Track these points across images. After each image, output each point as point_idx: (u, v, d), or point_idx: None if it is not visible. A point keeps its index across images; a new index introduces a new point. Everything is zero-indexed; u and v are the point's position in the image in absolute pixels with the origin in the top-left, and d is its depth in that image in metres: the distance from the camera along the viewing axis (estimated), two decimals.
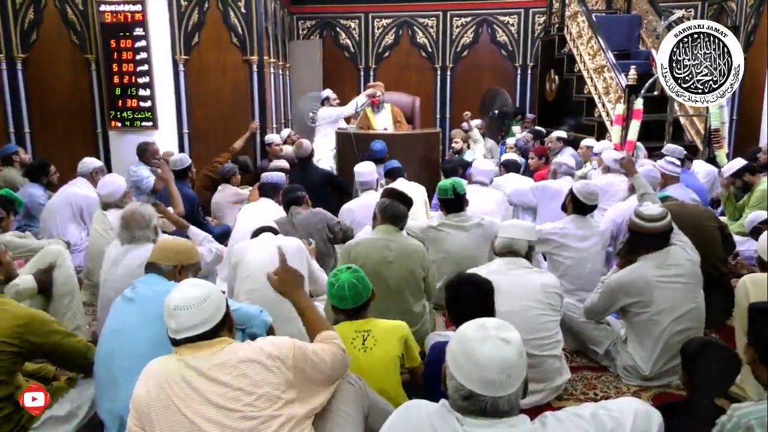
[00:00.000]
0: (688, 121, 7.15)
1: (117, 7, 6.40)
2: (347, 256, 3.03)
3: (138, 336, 2.16)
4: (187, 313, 1.73)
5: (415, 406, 1.51)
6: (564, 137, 6.78)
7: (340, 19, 9.87)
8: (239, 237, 4.01)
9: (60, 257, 3.20)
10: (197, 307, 1.74)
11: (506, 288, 2.58)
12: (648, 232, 2.90)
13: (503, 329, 1.41)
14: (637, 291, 2.85)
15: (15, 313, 2.22)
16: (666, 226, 2.90)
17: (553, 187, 4.59)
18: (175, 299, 1.76)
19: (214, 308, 1.77)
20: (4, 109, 7.26)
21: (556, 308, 2.73)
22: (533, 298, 2.67)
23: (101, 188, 3.95)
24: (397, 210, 3.14)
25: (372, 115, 6.88)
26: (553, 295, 2.72)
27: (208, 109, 7.17)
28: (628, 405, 1.53)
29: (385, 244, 3.02)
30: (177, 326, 1.74)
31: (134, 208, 3.03)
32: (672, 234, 2.98)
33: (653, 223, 2.89)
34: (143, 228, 2.95)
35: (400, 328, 2.42)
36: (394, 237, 3.07)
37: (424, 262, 3.06)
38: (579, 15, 7.71)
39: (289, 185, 4.39)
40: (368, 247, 3.04)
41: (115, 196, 3.85)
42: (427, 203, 4.90)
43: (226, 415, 1.64)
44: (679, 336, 2.78)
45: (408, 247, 3.06)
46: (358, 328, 2.37)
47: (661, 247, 2.90)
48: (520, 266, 2.77)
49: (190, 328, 1.73)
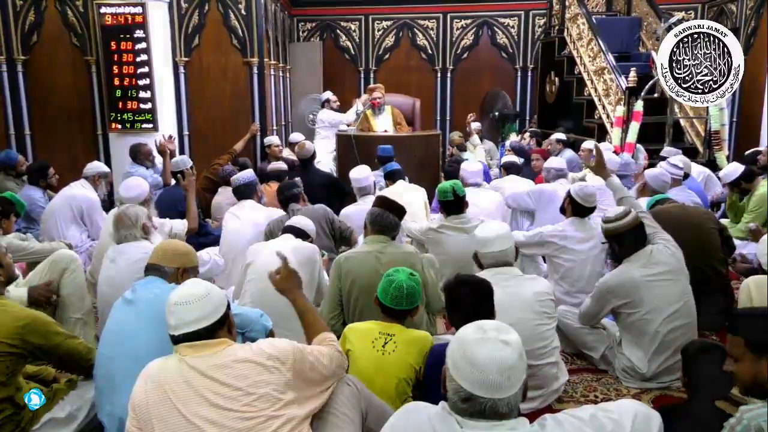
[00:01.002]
0: (688, 123, 7.15)
1: (117, 9, 6.39)
2: (339, 270, 2.96)
3: (137, 338, 2.17)
4: (186, 308, 1.75)
5: (414, 409, 1.51)
6: (563, 139, 6.79)
7: (340, 21, 9.87)
8: (228, 244, 4.02)
9: (73, 263, 3.19)
10: (196, 303, 1.76)
11: (500, 301, 2.56)
12: (617, 231, 2.95)
13: (502, 331, 1.41)
14: (626, 292, 2.86)
15: (16, 314, 2.22)
16: (632, 221, 2.94)
17: (548, 190, 4.59)
18: (176, 296, 1.79)
19: (212, 306, 1.78)
20: (4, 111, 7.27)
21: (551, 315, 2.72)
22: (528, 308, 2.65)
23: (125, 191, 3.87)
24: (386, 221, 3.06)
25: (372, 117, 6.90)
26: (547, 302, 2.71)
27: (208, 111, 7.18)
28: (627, 407, 1.53)
29: (375, 257, 2.95)
30: (176, 322, 1.75)
31: (123, 209, 3.09)
32: (654, 233, 3.00)
33: (618, 221, 2.94)
34: (129, 227, 3.00)
35: (423, 341, 2.38)
36: (384, 248, 2.99)
37: (415, 267, 2.95)
38: (579, 17, 7.72)
39: (283, 182, 4.33)
40: (359, 261, 2.96)
41: (139, 200, 3.77)
42: (427, 205, 4.90)
43: (225, 416, 1.64)
44: (673, 333, 2.80)
45: (398, 256, 2.96)
46: (383, 329, 2.36)
47: (639, 243, 2.94)
48: (511, 275, 2.75)
49: (188, 323, 1.74)
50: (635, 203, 3.29)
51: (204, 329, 1.75)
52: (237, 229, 4.04)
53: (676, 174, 4.48)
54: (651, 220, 3.10)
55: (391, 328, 2.37)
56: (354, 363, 2.29)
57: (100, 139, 7.40)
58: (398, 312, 2.39)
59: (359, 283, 2.85)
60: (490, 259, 2.79)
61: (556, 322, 2.80)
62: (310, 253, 3.13)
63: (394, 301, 2.36)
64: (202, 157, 6.69)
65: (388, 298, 2.37)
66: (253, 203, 4.21)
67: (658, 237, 3.00)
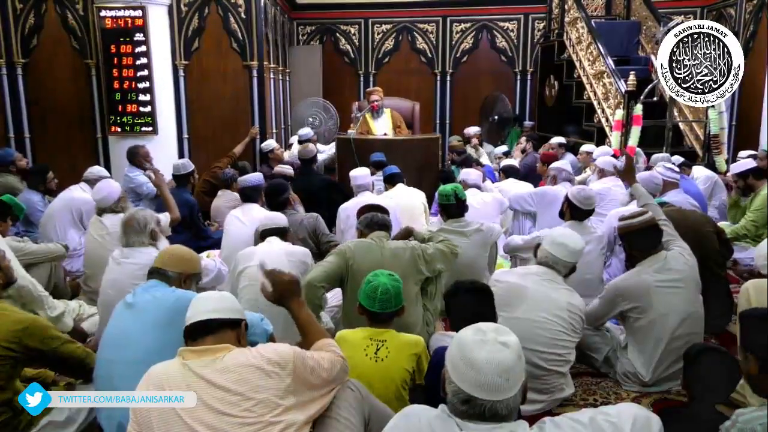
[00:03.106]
0: (688, 126, 7.16)
1: (117, 13, 6.40)
2: (342, 255, 2.95)
3: (137, 342, 2.16)
4: (205, 300, 1.86)
5: (414, 412, 1.51)
6: (564, 142, 6.78)
7: (340, 25, 9.89)
8: (231, 247, 4.00)
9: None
10: (215, 297, 1.88)
11: (532, 295, 2.56)
12: (635, 228, 2.94)
13: (501, 333, 1.41)
14: (636, 296, 2.85)
15: (14, 317, 2.22)
16: (650, 219, 2.94)
17: (551, 193, 4.59)
18: (200, 294, 1.90)
19: (229, 304, 1.88)
20: (4, 114, 7.28)
21: (576, 330, 2.70)
22: (557, 314, 2.63)
23: (95, 193, 3.96)
24: (382, 219, 3.16)
25: (371, 121, 6.89)
26: (576, 317, 2.68)
27: (208, 114, 7.18)
28: (627, 410, 1.52)
29: (379, 246, 2.99)
30: (192, 313, 1.82)
31: (132, 213, 3.09)
32: (671, 240, 2.99)
33: (636, 218, 2.94)
34: (138, 233, 3.01)
35: (416, 345, 2.38)
36: (385, 243, 3.04)
37: (415, 251, 3.01)
38: (578, 21, 7.73)
39: (271, 188, 4.20)
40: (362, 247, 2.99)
41: (108, 200, 3.86)
42: (426, 209, 4.89)
43: (225, 421, 1.64)
44: (678, 341, 2.78)
45: (399, 247, 3.03)
46: (373, 336, 2.35)
47: (655, 245, 2.92)
48: (554, 281, 2.72)
49: (201, 312, 1.81)
50: (658, 210, 3.25)
51: (215, 321, 1.79)
52: (242, 233, 3.99)
53: (673, 177, 4.47)
54: (671, 228, 3.08)
55: (381, 334, 2.36)
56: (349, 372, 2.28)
57: (99, 142, 7.42)
58: (387, 315, 2.39)
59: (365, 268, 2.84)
60: (543, 256, 2.77)
61: (579, 339, 2.76)
62: (302, 256, 3.18)
63: (384, 305, 2.35)
64: (201, 161, 6.69)
65: (377, 304, 2.36)
66: (259, 207, 4.20)
67: (675, 244, 2.98)
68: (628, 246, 3.02)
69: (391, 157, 5.42)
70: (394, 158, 5.38)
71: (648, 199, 3.36)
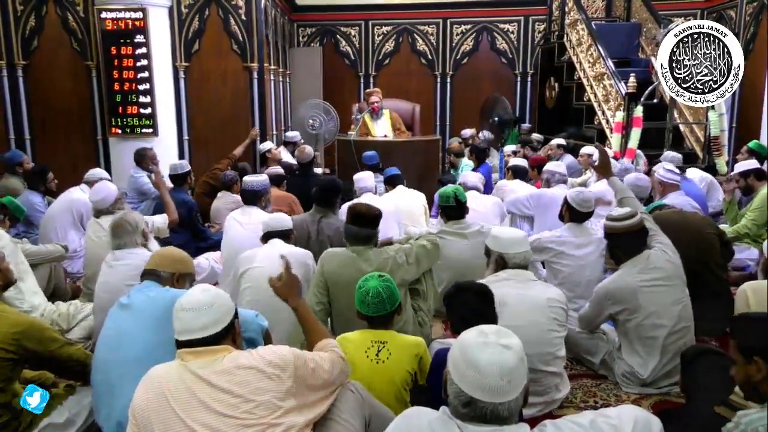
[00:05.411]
0: (688, 128, 7.16)
1: (118, 15, 6.42)
2: (320, 267, 2.92)
3: (133, 342, 2.16)
4: (193, 314, 1.74)
5: (414, 414, 1.51)
6: (563, 144, 6.78)
7: (340, 27, 9.90)
8: (231, 249, 3.99)
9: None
10: (203, 311, 1.75)
11: (514, 302, 2.56)
12: (621, 230, 2.94)
13: (503, 335, 1.41)
14: (623, 298, 2.85)
15: (13, 319, 2.22)
16: (638, 222, 2.94)
17: (548, 195, 4.58)
18: (184, 301, 1.78)
19: (219, 314, 1.77)
20: (4, 116, 7.28)
21: (561, 323, 2.70)
22: (540, 312, 2.64)
23: (92, 195, 3.96)
24: (362, 234, 2.96)
25: (371, 122, 6.90)
26: (558, 309, 2.69)
27: (208, 115, 7.18)
28: (627, 412, 1.52)
29: (357, 259, 2.90)
30: (181, 327, 1.75)
31: (122, 215, 3.10)
32: (653, 236, 3.00)
33: (624, 221, 2.94)
34: (130, 233, 3.01)
35: (417, 345, 2.38)
36: (366, 254, 2.93)
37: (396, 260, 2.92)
38: (579, 23, 7.74)
39: (324, 184, 4.11)
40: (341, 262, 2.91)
41: (106, 202, 3.86)
42: (426, 210, 4.89)
43: (225, 423, 1.64)
44: (671, 337, 2.80)
45: (381, 254, 2.94)
46: (374, 338, 2.35)
47: (639, 247, 2.93)
48: (527, 279, 2.74)
49: (193, 330, 1.73)
50: (637, 204, 3.28)
51: (209, 337, 1.74)
52: (242, 236, 3.96)
53: (674, 179, 4.47)
54: (651, 222, 3.10)
55: (382, 335, 2.36)
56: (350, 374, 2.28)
57: (100, 143, 7.43)
58: (384, 317, 2.38)
59: (342, 281, 2.82)
60: (520, 259, 2.77)
61: (566, 332, 2.77)
62: (303, 258, 3.16)
63: (377, 308, 2.35)
64: (201, 162, 6.70)
65: (371, 308, 2.35)
66: (258, 210, 4.18)
67: (656, 240, 2.99)
68: (613, 245, 3.03)
69: (391, 159, 5.42)
70: (395, 160, 5.37)
71: (626, 193, 3.35)
